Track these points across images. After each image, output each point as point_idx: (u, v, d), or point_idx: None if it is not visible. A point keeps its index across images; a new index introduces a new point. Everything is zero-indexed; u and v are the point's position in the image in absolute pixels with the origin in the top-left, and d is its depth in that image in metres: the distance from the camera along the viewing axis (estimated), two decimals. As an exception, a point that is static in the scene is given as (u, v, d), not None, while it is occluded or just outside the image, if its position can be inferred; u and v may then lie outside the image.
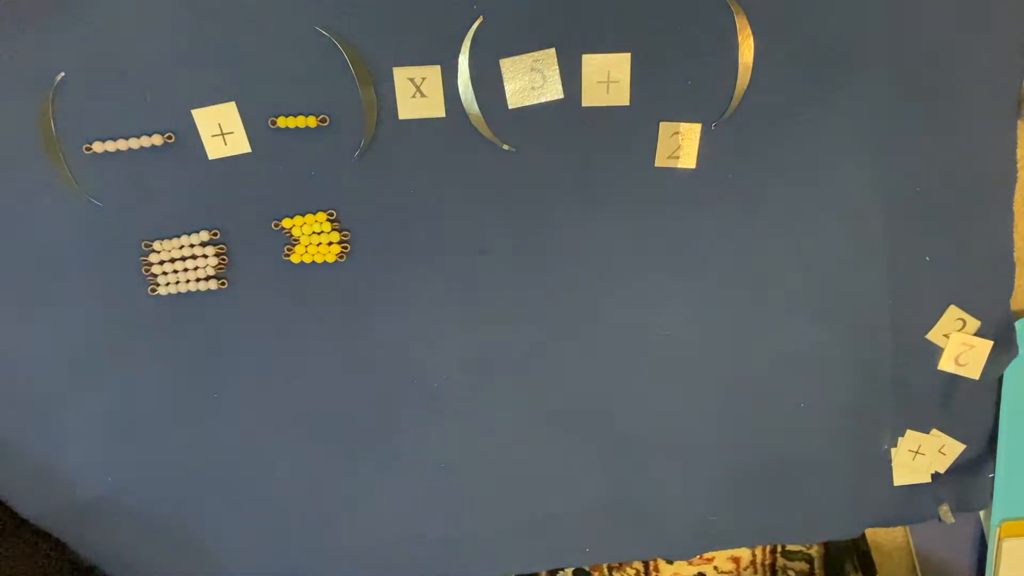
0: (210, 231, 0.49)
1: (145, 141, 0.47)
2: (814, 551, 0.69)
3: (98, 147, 0.47)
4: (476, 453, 0.55)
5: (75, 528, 0.54)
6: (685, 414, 0.55)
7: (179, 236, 0.49)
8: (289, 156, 0.48)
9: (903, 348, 0.54)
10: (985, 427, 0.57)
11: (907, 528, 0.65)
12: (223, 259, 0.50)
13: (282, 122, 0.47)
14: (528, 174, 0.50)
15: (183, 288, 0.50)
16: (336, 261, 0.50)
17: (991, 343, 0.54)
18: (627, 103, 0.48)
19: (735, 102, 0.49)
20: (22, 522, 0.53)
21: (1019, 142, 0.51)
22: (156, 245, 0.49)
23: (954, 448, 0.57)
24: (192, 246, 0.49)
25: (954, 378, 0.55)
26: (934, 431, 0.57)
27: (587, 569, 0.70)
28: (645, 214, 0.51)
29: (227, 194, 0.49)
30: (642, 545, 0.59)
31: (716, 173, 0.50)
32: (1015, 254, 0.53)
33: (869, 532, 0.65)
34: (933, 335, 0.54)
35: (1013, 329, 0.54)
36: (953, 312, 0.54)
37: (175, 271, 0.49)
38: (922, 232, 0.52)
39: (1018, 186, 0.52)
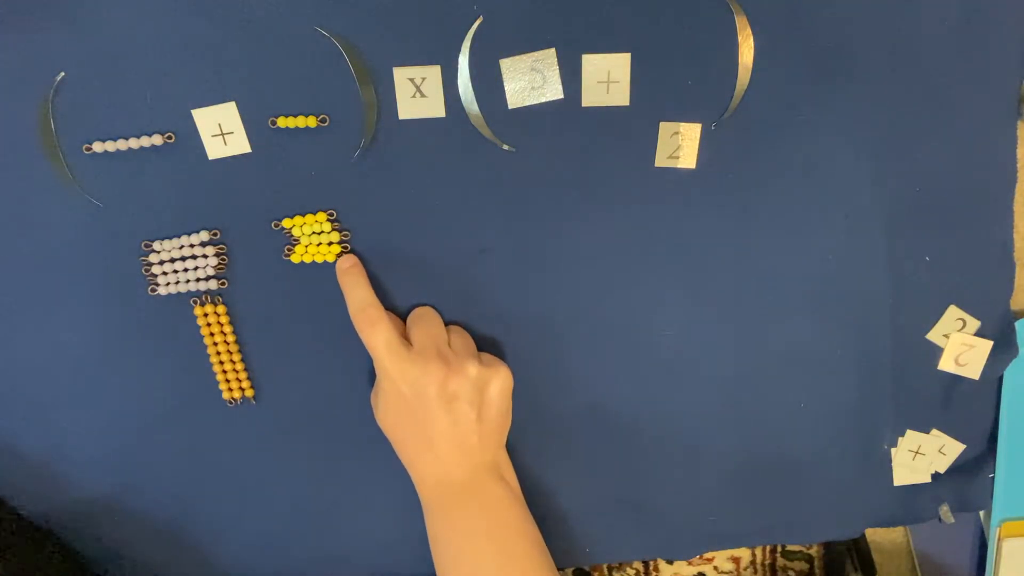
0: (210, 231, 0.49)
1: (145, 141, 0.47)
2: (814, 551, 0.69)
3: (98, 147, 0.47)
4: (476, 453, 0.55)
5: (76, 528, 0.54)
6: (685, 414, 0.55)
7: (179, 236, 0.49)
8: (289, 156, 0.48)
9: (903, 348, 0.54)
10: (985, 427, 0.57)
11: (907, 528, 0.65)
12: (223, 259, 0.50)
13: (282, 122, 0.47)
14: (528, 174, 0.50)
15: (183, 288, 0.50)
16: (336, 261, 0.50)
17: (991, 343, 0.54)
18: (627, 103, 0.49)
19: (735, 102, 0.49)
20: (24, 521, 0.53)
21: (1019, 142, 0.51)
22: (156, 245, 0.49)
23: (954, 448, 0.57)
24: (192, 246, 0.49)
25: (954, 378, 0.55)
26: (934, 431, 0.57)
27: (587, 569, 0.70)
28: (645, 214, 0.51)
29: (227, 194, 0.49)
30: (642, 545, 0.59)
31: (716, 173, 0.50)
32: (1015, 254, 0.53)
33: (869, 532, 0.65)
34: (933, 335, 0.54)
35: (1013, 329, 0.54)
36: (953, 312, 0.54)
37: (175, 271, 0.49)
38: (922, 232, 0.52)
39: (1018, 186, 0.52)
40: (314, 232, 0.49)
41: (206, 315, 0.50)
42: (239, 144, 0.48)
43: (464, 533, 0.48)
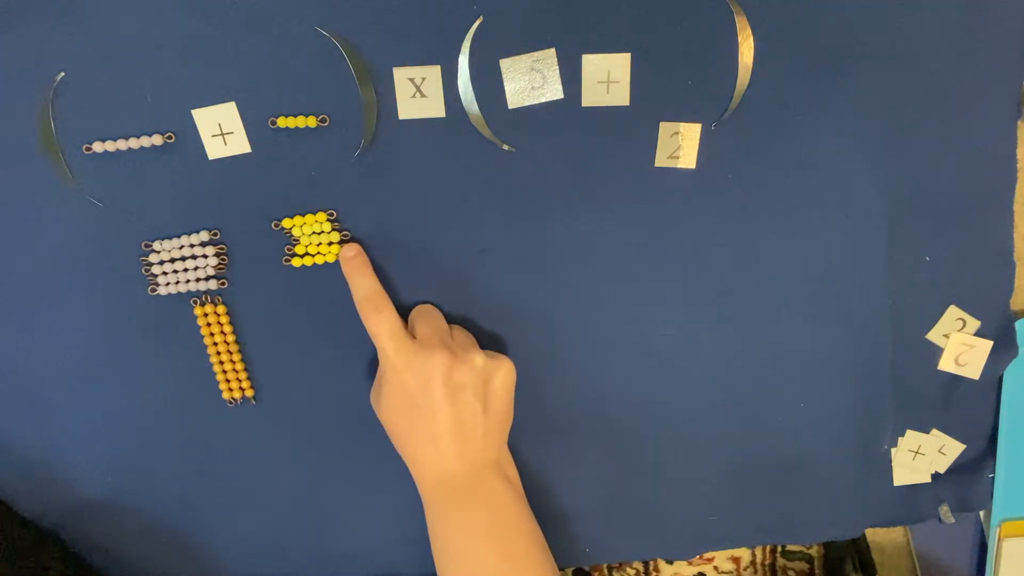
0: (210, 231, 0.49)
1: (145, 141, 0.47)
2: (814, 551, 0.69)
3: (98, 147, 0.47)
4: (476, 453, 0.55)
5: (76, 528, 0.54)
6: (685, 414, 0.55)
7: (179, 236, 0.49)
8: (289, 156, 0.48)
9: (903, 348, 0.54)
10: (985, 427, 0.57)
11: (907, 528, 0.65)
12: (223, 259, 0.50)
13: (282, 122, 0.47)
14: (528, 174, 0.50)
15: (183, 288, 0.50)
16: (336, 261, 0.50)
17: (991, 343, 0.54)
18: (627, 103, 0.49)
19: (735, 102, 0.49)
20: (23, 521, 0.53)
21: (1019, 142, 0.51)
22: (156, 245, 0.49)
23: (954, 448, 0.57)
24: (192, 246, 0.49)
25: (954, 378, 0.55)
26: (934, 431, 0.57)
27: (587, 569, 0.70)
28: (645, 214, 0.51)
29: (227, 194, 0.49)
30: (642, 545, 0.59)
31: (716, 173, 0.50)
32: (1015, 254, 0.53)
33: (869, 532, 0.65)
34: (933, 335, 0.54)
35: (1013, 329, 0.54)
36: (953, 312, 0.54)
37: (175, 271, 0.49)
38: (922, 232, 0.52)
39: (1018, 186, 0.52)
40: (314, 232, 0.49)
41: (206, 315, 0.50)
42: (239, 144, 0.48)
43: (465, 530, 0.48)
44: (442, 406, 0.47)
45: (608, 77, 0.48)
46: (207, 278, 0.50)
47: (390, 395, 0.48)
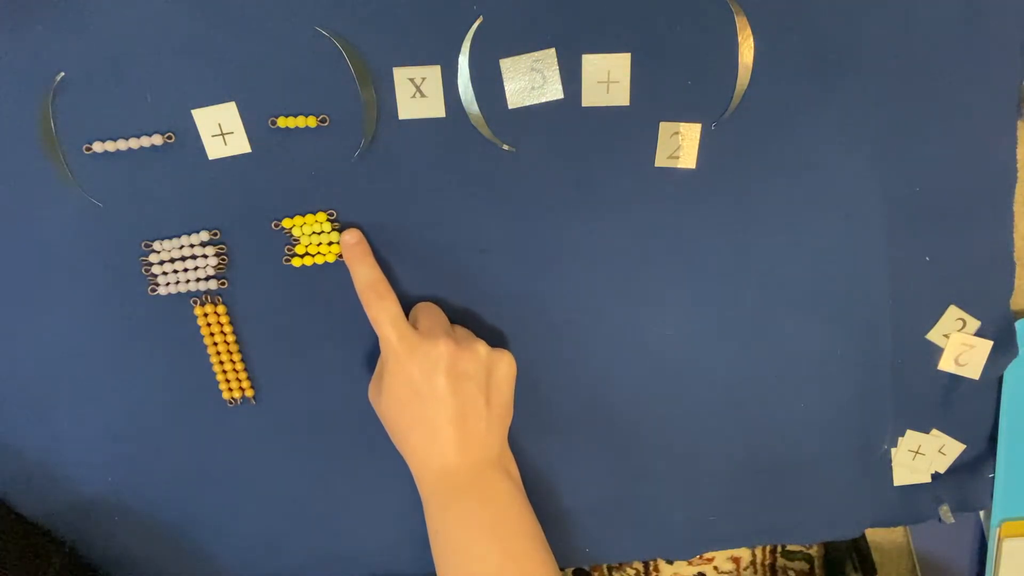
0: (210, 231, 0.49)
1: (145, 141, 0.47)
2: (814, 551, 0.69)
3: (98, 147, 0.47)
4: (476, 453, 0.55)
5: (75, 528, 0.54)
6: (685, 414, 0.55)
7: (179, 236, 0.49)
8: (289, 156, 0.48)
9: (903, 348, 0.54)
10: (985, 427, 0.57)
11: (907, 528, 0.65)
12: (223, 259, 0.50)
13: (282, 122, 0.47)
14: (528, 174, 0.50)
15: (183, 288, 0.50)
16: (336, 261, 0.50)
17: (991, 343, 0.54)
18: (627, 103, 0.49)
19: (735, 102, 0.49)
20: (24, 521, 0.53)
21: (1019, 142, 0.51)
22: (156, 245, 0.49)
23: (954, 448, 0.57)
24: (192, 246, 0.49)
25: (954, 378, 0.55)
26: (934, 431, 0.57)
27: (587, 569, 0.70)
28: (645, 214, 0.51)
29: (227, 194, 0.49)
30: (642, 545, 0.59)
31: (716, 173, 0.50)
32: (1015, 254, 0.53)
33: (869, 532, 0.65)
34: (933, 335, 0.54)
35: (1013, 329, 0.54)
36: (953, 312, 0.54)
37: (175, 271, 0.49)
38: (922, 232, 0.52)
39: (1018, 186, 0.52)
40: (314, 232, 0.49)
41: (206, 315, 0.50)
42: (239, 144, 0.48)
43: (466, 528, 0.48)
44: (445, 396, 0.46)
45: (608, 77, 0.48)
46: (207, 278, 0.50)
47: (391, 386, 0.47)
